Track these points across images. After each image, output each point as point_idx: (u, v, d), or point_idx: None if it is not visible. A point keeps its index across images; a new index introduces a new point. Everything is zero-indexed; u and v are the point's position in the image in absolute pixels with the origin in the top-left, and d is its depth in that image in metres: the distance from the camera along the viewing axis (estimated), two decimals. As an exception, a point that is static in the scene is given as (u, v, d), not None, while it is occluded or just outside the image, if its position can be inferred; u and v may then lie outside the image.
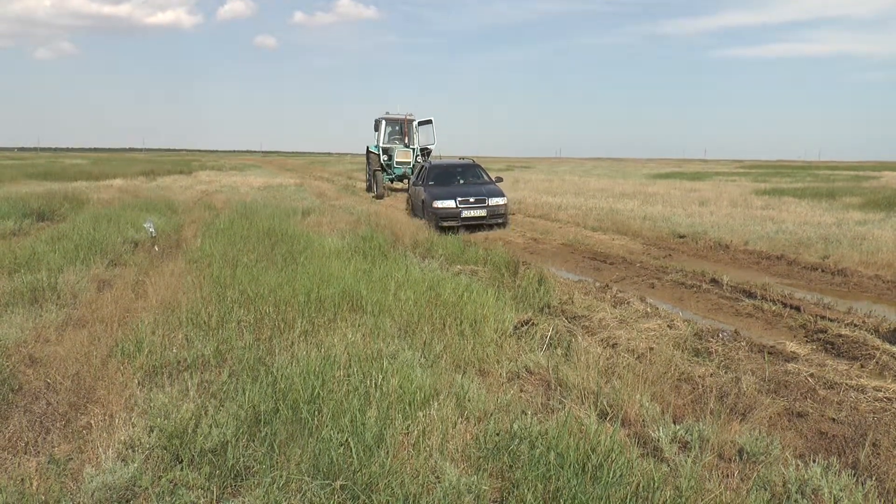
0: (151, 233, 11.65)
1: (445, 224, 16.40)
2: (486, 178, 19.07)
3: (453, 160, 21.34)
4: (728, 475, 4.06)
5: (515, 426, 4.37)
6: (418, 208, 18.56)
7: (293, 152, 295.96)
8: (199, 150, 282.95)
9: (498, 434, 4.30)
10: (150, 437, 4.24)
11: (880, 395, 5.45)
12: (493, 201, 17.08)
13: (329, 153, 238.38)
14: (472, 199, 17.00)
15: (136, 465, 3.90)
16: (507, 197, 17.79)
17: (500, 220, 17.10)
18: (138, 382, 5.17)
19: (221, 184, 33.35)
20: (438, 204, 16.92)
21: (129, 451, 4.11)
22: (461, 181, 18.74)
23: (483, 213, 16.87)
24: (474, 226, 16.64)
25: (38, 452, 4.19)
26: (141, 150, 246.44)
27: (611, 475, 3.75)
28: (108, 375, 5.30)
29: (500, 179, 19.56)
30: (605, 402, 4.94)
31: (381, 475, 3.70)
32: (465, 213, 16.76)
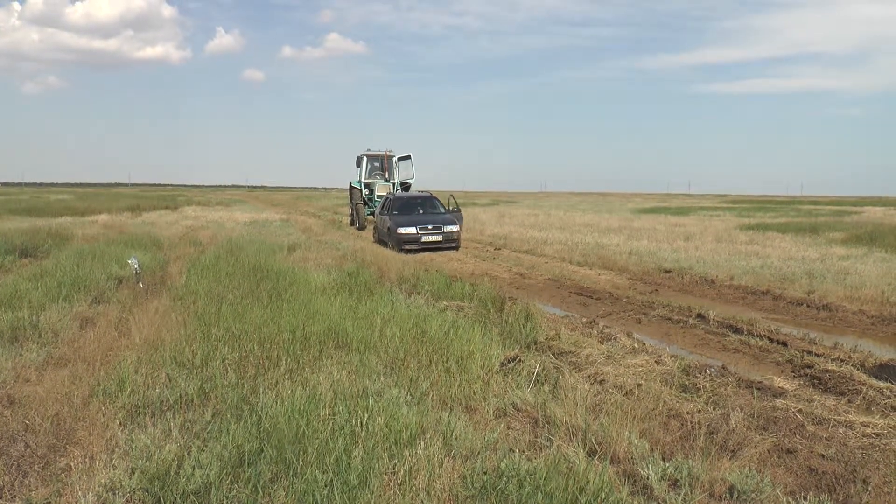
0: (136, 269, 11.53)
1: (407, 247, 19.39)
2: (441, 208, 22.30)
3: (414, 193, 25.19)
4: (718, 514, 4.01)
5: (503, 465, 4.32)
6: (384, 234, 21.44)
7: (279, 187, 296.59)
8: (186, 185, 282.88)
9: (485, 473, 4.24)
10: (131, 479, 4.15)
11: (868, 430, 5.43)
12: (447, 228, 20.20)
13: (315, 188, 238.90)
14: (430, 227, 20.10)
15: (115, 508, 3.81)
16: (458, 225, 20.78)
17: (453, 245, 20.10)
18: (120, 423, 5.08)
19: (207, 219, 33.29)
20: (402, 230, 19.89)
21: (110, 494, 4.01)
22: (421, 211, 21.85)
23: (439, 238, 19.90)
24: (432, 249, 19.56)
25: (15, 497, 4.09)
26: (127, 185, 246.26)
27: (600, 515, 3.70)
28: (89, 416, 5.20)
29: (457, 210, 22.47)
30: (593, 440, 4.89)
31: (367, 517, 3.63)
32: (425, 238, 19.75)
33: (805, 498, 4.17)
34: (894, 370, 7.13)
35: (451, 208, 22.61)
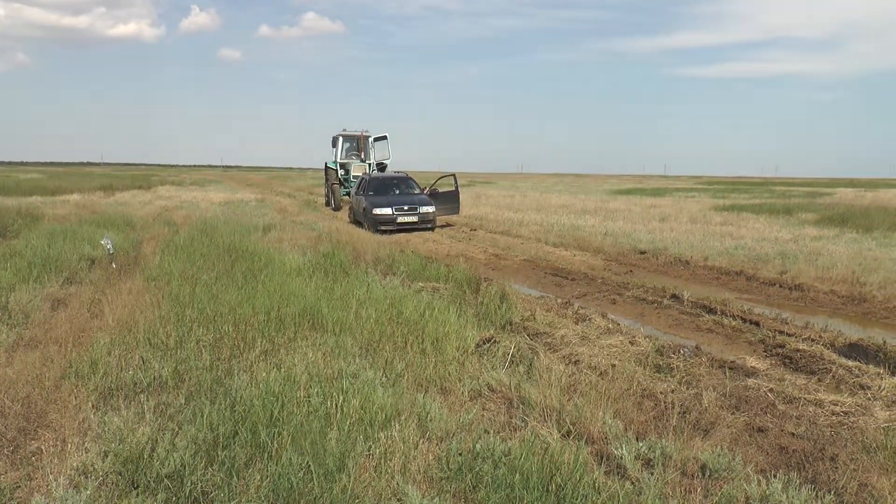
0: (109, 250, 11.39)
1: (383, 228, 19.40)
2: (417, 189, 22.22)
3: (389, 173, 24.99)
4: (691, 491, 4.07)
5: (478, 446, 4.34)
6: (359, 215, 21.54)
7: (255, 167, 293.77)
8: (159, 165, 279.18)
9: (460, 454, 4.26)
10: (104, 462, 4.12)
11: (837, 409, 5.53)
12: (423, 209, 20.17)
13: (291, 168, 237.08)
14: (405, 207, 20.06)
15: (88, 492, 3.78)
16: (434, 206, 20.65)
17: (429, 225, 20.14)
18: (92, 405, 5.03)
19: (182, 199, 32.87)
20: (378, 211, 19.94)
21: (82, 477, 3.98)
22: (397, 192, 21.80)
23: (415, 218, 19.95)
24: (408, 229, 19.57)
25: (-15, 480, 4.04)
26: (99, 164, 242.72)
27: (575, 494, 3.73)
28: (60, 398, 5.15)
29: (455, 191, 22.32)
30: (567, 420, 4.93)
31: (343, 500, 3.64)
32: (400, 219, 19.80)
33: (775, 476, 4.24)
34: (863, 349, 7.26)
35: (434, 189, 22.60)
